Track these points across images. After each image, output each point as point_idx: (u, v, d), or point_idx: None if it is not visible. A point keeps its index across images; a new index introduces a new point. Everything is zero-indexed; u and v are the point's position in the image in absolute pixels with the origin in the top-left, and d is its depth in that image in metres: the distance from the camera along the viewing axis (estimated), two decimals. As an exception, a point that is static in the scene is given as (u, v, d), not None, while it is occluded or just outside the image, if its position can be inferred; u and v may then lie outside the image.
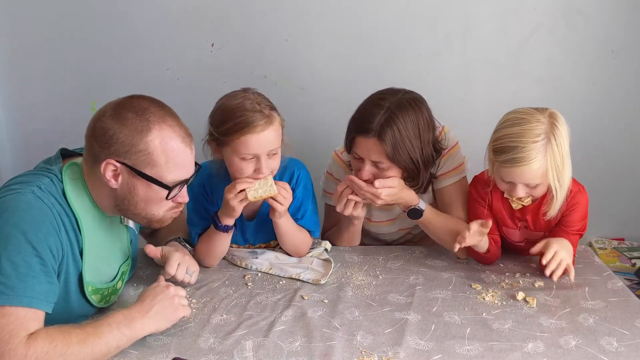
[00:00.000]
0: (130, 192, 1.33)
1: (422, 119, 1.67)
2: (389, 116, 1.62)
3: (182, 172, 1.36)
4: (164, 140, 1.31)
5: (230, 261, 1.78)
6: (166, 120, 1.33)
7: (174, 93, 2.47)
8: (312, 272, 1.70)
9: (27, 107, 2.57)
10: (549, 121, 1.55)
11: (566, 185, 1.58)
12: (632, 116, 2.46)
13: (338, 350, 1.32)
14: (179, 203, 1.41)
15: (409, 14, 2.38)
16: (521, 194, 1.60)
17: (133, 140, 1.29)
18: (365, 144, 1.65)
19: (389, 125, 1.61)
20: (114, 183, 1.32)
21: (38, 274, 1.22)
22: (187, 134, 1.36)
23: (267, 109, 1.59)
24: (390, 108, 1.63)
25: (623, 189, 2.55)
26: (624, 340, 1.35)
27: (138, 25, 2.43)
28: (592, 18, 2.35)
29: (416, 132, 1.65)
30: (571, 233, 1.67)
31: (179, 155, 1.34)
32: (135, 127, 1.29)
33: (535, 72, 2.42)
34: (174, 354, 1.31)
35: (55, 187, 1.32)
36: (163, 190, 1.34)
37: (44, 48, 2.48)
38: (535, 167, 1.52)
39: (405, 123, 1.63)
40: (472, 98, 2.46)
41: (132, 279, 1.66)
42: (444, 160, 1.80)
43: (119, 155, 1.30)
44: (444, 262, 1.77)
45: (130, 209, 1.37)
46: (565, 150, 1.55)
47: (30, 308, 1.20)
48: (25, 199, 1.25)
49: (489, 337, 1.37)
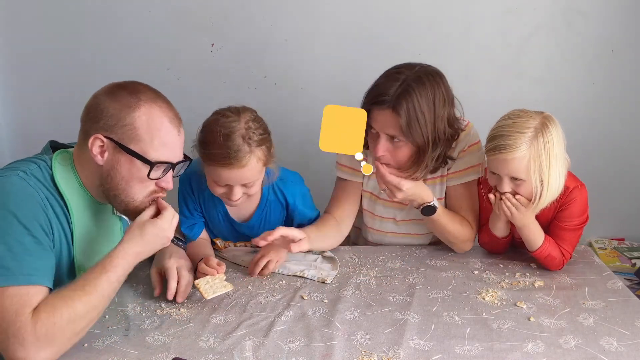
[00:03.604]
0: (114, 168, 1.33)
1: (438, 92, 1.62)
2: (404, 89, 1.59)
3: (167, 153, 1.35)
4: (151, 117, 1.32)
5: (232, 260, 1.78)
6: (157, 102, 1.34)
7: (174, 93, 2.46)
8: (316, 269, 1.70)
9: (27, 107, 2.57)
10: (542, 121, 1.58)
11: (552, 188, 1.58)
12: (631, 116, 2.46)
13: (338, 350, 1.32)
14: (161, 188, 1.39)
15: (409, 14, 2.38)
16: (506, 189, 1.62)
17: (121, 114, 1.30)
18: (381, 116, 1.62)
19: (404, 97, 1.58)
20: (99, 159, 1.32)
21: (33, 251, 1.23)
22: (177, 117, 1.37)
23: (253, 144, 1.57)
24: (407, 81, 1.60)
25: (623, 189, 2.55)
26: (624, 340, 1.35)
27: (138, 25, 2.43)
28: (592, 18, 2.35)
29: (430, 105, 1.61)
30: (568, 228, 1.68)
31: (165, 135, 1.34)
32: (125, 102, 1.31)
33: (535, 72, 2.42)
34: (174, 354, 1.31)
35: (42, 172, 1.33)
36: (145, 167, 1.33)
37: (44, 48, 2.48)
38: (517, 156, 1.55)
39: (420, 96, 1.59)
40: (472, 98, 2.44)
41: (132, 279, 1.65)
42: (462, 155, 1.78)
43: (107, 130, 1.31)
44: (444, 262, 1.77)
45: (112, 188, 1.35)
46: (552, 152, 1.56)
47: (31, 285, 1.20)
48: (11, 180, 1.27)
49: (489, 337, 1.37)
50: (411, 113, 1.59)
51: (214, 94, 2.41)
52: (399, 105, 1.58)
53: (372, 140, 1.70)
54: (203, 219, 1.81)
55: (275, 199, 1.79)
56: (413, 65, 1.66)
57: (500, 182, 1.63)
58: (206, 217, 1.81)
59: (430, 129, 1.62)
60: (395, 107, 1.59)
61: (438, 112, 1.63)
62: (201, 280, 1.54)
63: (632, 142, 2.50)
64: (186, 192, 1.76)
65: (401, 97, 1.58)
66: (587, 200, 1.70)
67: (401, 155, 1.66)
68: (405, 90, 1.59)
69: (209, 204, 1.77)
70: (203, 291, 1.51)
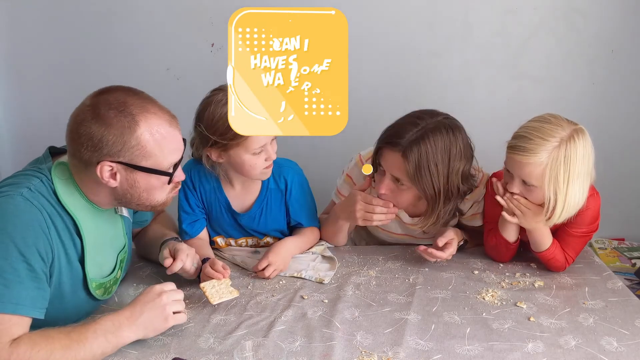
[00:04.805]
0: (132, 186, 1.34)
1: (455, 146, 1.61)
2: (420, 136, 1.59)
3: (176, 155, 1.37)
4: (153, 130, 1.30)
5: (231, 261, 1.78)
6: (148, 108, 1.32)
7: (174, 93, 2.47)
8: (313, 270, 1.70)
9: (27, 107, 2.57)
10: (571, 133, 1.52)
11: (570, 205, 1.53)
12: (632, 116, 2.47)
13: (338, 350, 1.32)
14: (177, 182, 1.43)
15: (409, 14, 2.38)
16: (515, 190, 1.59)
17: (123, 139, 1.28)
18: (390, 157, 1.63)
19: (417, 145, 1.58)
20: (113, 182, 1.32)
21: (25, 279, 1.22)
22: (172, 116, 1.36)
23: None
24: (425, 128, 1.60)
25: (623, 189, 2.55)
26: (624, 340, 1.35)
27: (138, 25, 2.43)
28: (592, 18, 2.35)
29: (445, 158, 1.60)
30: (576, 235, 1.66)
31: (171, 141, 1.34)
32: (121, 124, 1.27)
33: (535, 72, 2.42)
34: (174, 354, 1.31)
35: (45, 187, 1.31)
36: (164, 177, 1.35)
37: (43, 48, 2.48)
38: (534, 161, 1.51)
39: (436, 147, 1.59)
40: (472, 98, 2.46)
41: (132, 278, 1.66)
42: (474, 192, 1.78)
43: (112, 156, 1.29)
44: (444, 262, 1.77)
45: (134, 201, 1.37)
46: (574, 167, 1.50)
47: (16, 315, 1.19)
48: (14, 202, 1.25)
49: (489, 337, 1.37)
50: (422, 162, 1.58)
51: (214, 94, 2.40)
52: (410, 151, 1.59)
53: (378, 176, 1.71)
54: (205, 216, 1.81)
55: (276, 187, 1.79)
56: (437, 114, 1.66)
57: (511, 181, 1.60)
58: (208, 212, 1.81)
59: (442, 181, 1.61)
60: (405, 152, 1.59)
61: (452, 166, 1.62)
62: (207, 284, 1.52)
63: (632, 142, 2.50)
64: (187, 188, 1.77)
65: (414, 144, 1.59)
66: (599, 209, 1.66)
67: (403, 198, 1.69)
68: (421, 137, 1.59)
69: (211, 196, 1.78)
70: (209, 296, 1.49)
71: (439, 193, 1.63)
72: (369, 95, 2.43)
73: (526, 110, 2.41)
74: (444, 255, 1.70)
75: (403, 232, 1.89)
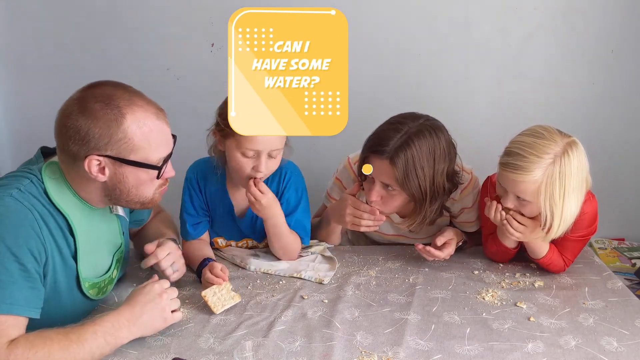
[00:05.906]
0: (120, 181, 1.33)
1: (438, 147, 1.63)
2: (404, 141, 1.60)
3: (165, 148, 1.35)
4: (140, 122, 1.29)
5: (231, 261, 1.78)
6: (135, 101, 1.30)
7: (174, 93, 2.48)
8: (313, 271, 1.70)
9: (27, 107, 2.57)
10: (564, 147, 1.50)
11: (566, 219, 1.53)
12: (632, 116, 2.47)
13: (338, 350, 1.32)
14: (166, 179, 1.41)
15: (409, 14, 2.38)
16: (509, 205, 1.58)
17: (110, 131, 1.27)
18: (378, 164, 1.64)
19: (403, 150, 1.59)
20: (101, 177, 1.31)
21: (18, 279, 1.21)
22: (159, 110, 1.35)
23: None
24: (408, 133, 1.61)
25: (623, 189, 2.55)
26: (624, 340, 1.35)
27: (138, 25, 2.43)
28: (592, 18, 2.35)
29: (430, 160, 1.62)
30: (573, 239, 1.65)
31: (159, 134, 1.33)
32: (107, 117, 1.26)
33: (535, 72, 2.42)
34: (173, 354, 1.30)
35: (36, 187, 1.30)
36: (153, 170, 1.34)
37: (44, 48, 2.48)
38: (528, 179, 1.49)
39: (421, 150, 1.60)
40: (472, 98, 2.46)
41: (132, 278, 1.65)
42: (463, 195, 1.79)
43: (100, 149, 1.28)
44: (444, 262, 1.77)
45: (123, 196, 1.36)
46: (569, 183, 1.49)
47: (10, 315, 1.19)
48: (4, 203, 1.24)
49: (489, 337, 1.37)
50: (409, 166, 1.60)
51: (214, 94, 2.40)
52: (397, 157, 1.59)
53: (367, 184, 1.72)
54: (208, 218, 1.81)
55: (275, 190, 1.76)
56: (417, 117, 1.66)
57: (505, 196, 1.58)
58: (211, 215, 1.81)
59: (428, 182, 1.63)
60: (392, 159, 1.60)
61: (437, 167, 1.64)
62: (208, 292, 1.50)
63: (632, 142, 2.50)
64: (193, 190, 1.76)
65: (400, 150, 1.60)
66: (596, 212, 1.65)
67: (394, 203, 1.70)
68: (405, 143, 1.60)
69: (215, 199, 1.78)
70: (212, 305, 1.48)
71: (425, 194, 1.64)
72: (369, 95, 2.43)
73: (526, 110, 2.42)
74: (441, 254, 1.70)
75: (395, 233, 1.90)
